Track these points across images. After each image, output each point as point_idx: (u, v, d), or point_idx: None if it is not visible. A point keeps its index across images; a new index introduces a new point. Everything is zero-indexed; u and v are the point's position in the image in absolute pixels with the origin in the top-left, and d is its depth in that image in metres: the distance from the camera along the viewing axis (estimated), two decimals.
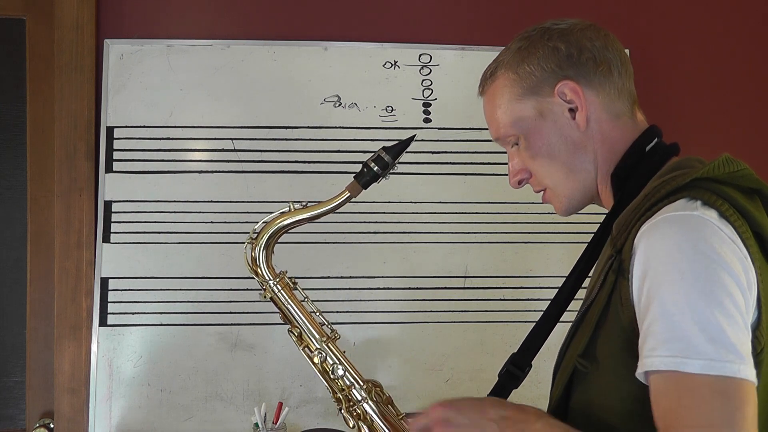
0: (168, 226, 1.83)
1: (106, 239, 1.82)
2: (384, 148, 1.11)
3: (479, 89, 1.13)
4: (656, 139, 1.04)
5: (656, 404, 0.85)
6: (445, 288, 1.89)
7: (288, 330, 1.12)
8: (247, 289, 1.83)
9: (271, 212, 1.17)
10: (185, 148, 1.85)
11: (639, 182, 1.00)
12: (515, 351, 1.10)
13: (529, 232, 1.90)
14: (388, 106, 1.91)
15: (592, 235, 1.08)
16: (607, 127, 1.04)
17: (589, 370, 0.94)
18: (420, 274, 1.88)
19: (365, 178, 1.11)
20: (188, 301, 1.82)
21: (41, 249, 1.86)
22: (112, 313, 1.81)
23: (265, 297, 1.13)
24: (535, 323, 1.10)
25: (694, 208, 0.87)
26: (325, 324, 1.13)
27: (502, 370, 1.10)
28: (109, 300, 1.81)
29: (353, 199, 1.15)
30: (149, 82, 1.86)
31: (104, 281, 1.81)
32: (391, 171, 1.12)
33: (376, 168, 1.11)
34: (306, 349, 1.11)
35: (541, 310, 1.21)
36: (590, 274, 1.08)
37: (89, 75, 1.84)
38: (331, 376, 1.10)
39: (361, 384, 1.09)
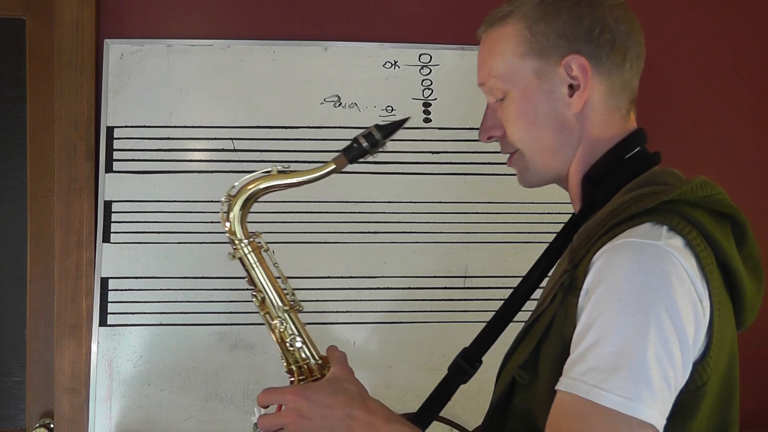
0: (168, 226, 1.83)
1: (106, 239, 1.82)
2: (376, 126, 1.05)
3: (482, 27, 1.05)
4: (638, 148, 1.00)
5: (553, 417, 0.85)
6: (445, 288, 1.89)
7: (252, 294, 1.09)
8: (247, 289, 1.82)
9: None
10: (185, 148, 1.86)
11: (609, 191, 0.96)
12: (467, 345, 1.10)
13: (529, 232, 1.90)
14: (388, 106, 1.91)
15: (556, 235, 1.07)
16: (599, 118, 0.98)
17: (527, 382, 0.93)
18: (420, 274, 1.88)
19: (353, 153, 1.05)
20: (188, 301, 1.82)
21: (41, 249, 1.86)
22: (112, 313, 1.81)
23: (234, 257, 1.09)
24: (489, 320, 1.10)
25: (657, 236, 0.84)
26: (290, 294, 1.10)
27: (452, 363, 1.10)
28: (109, 300, 1.81)
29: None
30: (149, 82, 1.86)
31: (104, 281, 1.81)
32: (380, 150, 1.06)
33: (365, 144, 1.04)
34: (267, 315, 1.08)
35: None
36: (542, 284, 1.06)
37: (89, 75, 1.84)
38: (289, 347, 1.07)
39: (317, 359, 1.07)
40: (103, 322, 1.80)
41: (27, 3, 1.88)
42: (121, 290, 1.81)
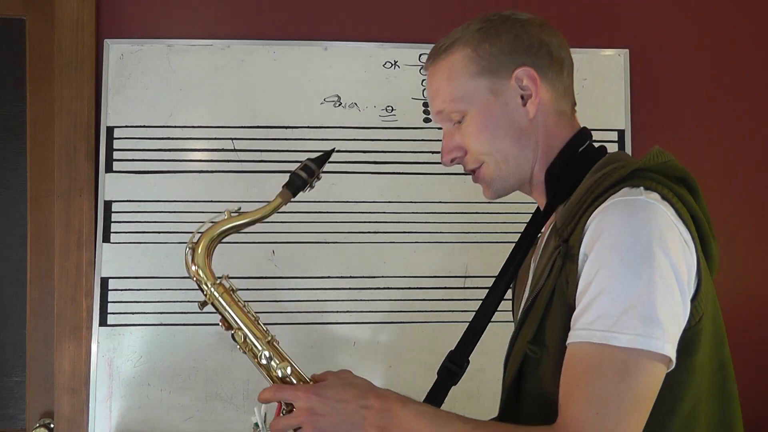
0: (168, 226, 1.83)
1: (106, 239, 1.82)
2: (309, 159, 1.16)
3: (427, 62, 1.13)
4: (587, 142, 1.09)
5: (566, 372, 0.90)
6: (445, 288, 1.89)
7: (231, 335, 1.13)
8: (247, 289, 1.82)
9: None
10: (185, 148, 1.86)
11: (571, 181, 1.04)
12: (452, 349, 1.14)
13: None
14: (388, 106, 1.91)
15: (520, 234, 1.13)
16: (551, 121, 1.08)
17: (539, 355, 0.97)
18: (420, 274, 1.88)
19: (295, 185, 1.14)
20: (188, 301, 1.82)
21: (41, 249, 1.86)
22: (112, 313, 1.81)
23: (207, 302, 1.14)
24: (469, 322, 1.14)
25: (638, 193, 0.92)
26: (264, 329, 1.12)
27: (441, 367, 1.13)
28: (109, 300, 1.81)
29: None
30: (149, 82, 1.86)
31: (104, 281, 1.81)
32: (316, 180, 1.16)
33: (304, 175, 1.14)
34: (250, 352, 1.11)
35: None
36: (531, 267, 1.13)
37: (89, 75, 1.84)
38: (279, 376, 1.09)
39: (309, 381, 1.09)
40: (103, 322, 1.80)
41: (27, 3, 1.88)
42: (121, 290, 1.81)
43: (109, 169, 1.83)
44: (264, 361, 1.10)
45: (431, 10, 1.96)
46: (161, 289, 1.82)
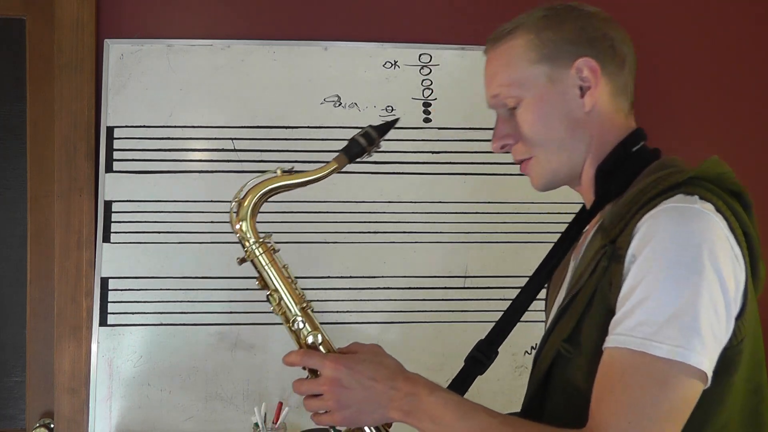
0: (168, 226, 1.83)
1: (106, 239, 1.82)
2: (371, 126, 1.11)
3: (487, 45, 1.10)
4: (642, 143, 1.06)
5: (601, 375, 0.88)
6: (445, 288, 1.89)
7: (267, 295, 1.10)
8: (247, 289, 1.83)
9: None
10: (185, 148, 1.86)
11: (622, 181, 1.02)
12: (482, 338, 1.13)
13: (529, 232, 1.89)
14: (388, 106, 1.91)
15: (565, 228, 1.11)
16: (607, 117, 1.05)
17: (573, 354, 0.96)
18: (420, 274, 1.88)
19: (353, 152, 1.10)
20: (188, 301, 1.82)
21: (41, 249, 1.86)
22: (112, 313, 1.81)
23: (245, 260, 1.11)
24: (503, 312, 1.12)
25: (693, 201, 0.90)
26: (300, 293, 1.10)
27: (468, 355, 1.12)
28: (109, 300, 1.81)
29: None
30: (149, 82, 1.86)
31: (104, 281, 1.81)
32: (376, 148, 1.12)
33: (363, 142, 1.09)
34: (283, 315, 1.09)
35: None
36: (571, 265, 1.10)
37: (89, 75, 1.84)
38: (309, 345, 1.07)
39: (337, 353, 1.07)
40: (103, 322, 1.80)
41: (27, 3, 1.88)
42: (121, 290, 1.81)
43: (109, 169, 1.83)
44: (296, 326, 1.07)
45: (431, 10, 1.96)
46: (161, 289, 1.82)
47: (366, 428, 1.05)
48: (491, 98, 1.10)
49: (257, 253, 1.10)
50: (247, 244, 1.10)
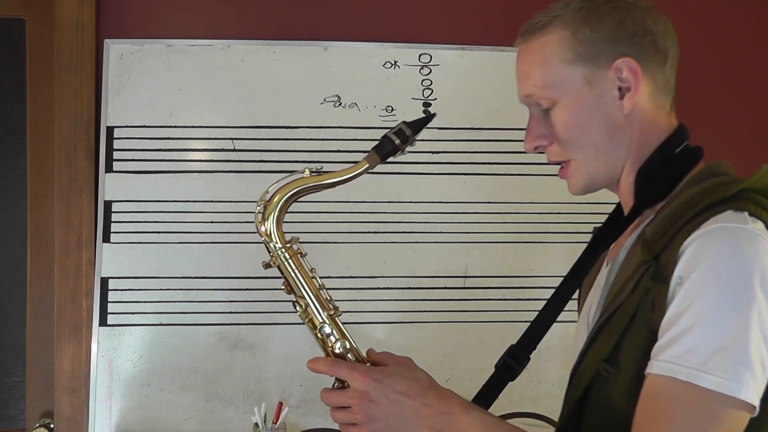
0: (168, 226, 1.83)
1: (106, 239, 1.82)
2: (404, 122, 1.06)
3: (520, 38, 1.03)
4: (685, 143, 1.01)
5: (645, 402, 0.85)
6: (445, 288, 1.89)
7: (293, 302, 1.05)
8: (247, 289, 1.83)
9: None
10: (185, 148, 1.85)
11: (663, 185, 0.98)
12: (514, 343, 1.09)
13: (529, 232, 1.89)
14: (388, 106, 1.91)
15: (597, 228, 1.07)
16: (647, 117, 1.00)
17: (612, 374, 0.92)
18: (420, 274, 1.88)
19: (385, 150, 1.05)
20: (188, 301, 1.82)
21: (41, 249, 1.86)
22: (112, 313, 1.81)
23: (272, 264, 1.06)
24: (535, 317, 1.09)
25: (744, 221, 0.86)
26: (327, 298, 1.06)
27: (499, 361, 1.09)
28: (109, 300, 1.81)
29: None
30: (149, 82, 1.86)
31: (104, 281, 1.81)
32: (409, 146, 1.06)
33: (397, 141, 1.05)
34: (310, 322, 1.05)
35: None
36: (606, 269, 1.05)
37: (89, 75, 1.84)
38: (336, 353, 1.03)
39: (366, 363, 1.03)
40: (103, 322, 1.80)
41: (27, 3, 1.88)
42: (121, 290, 1.81)
43: (109, 169, 1.83)
44: (323, 334, 1.04)
45: (431, 10, 1.96)
46: (161, 289, 1.82)
47: None
48: (524, 97, 1.04)
49: (283, 258, 1.05)
50: (272, 248, 1.06)
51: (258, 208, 1.06)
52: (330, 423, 1.82)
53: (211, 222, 1.84)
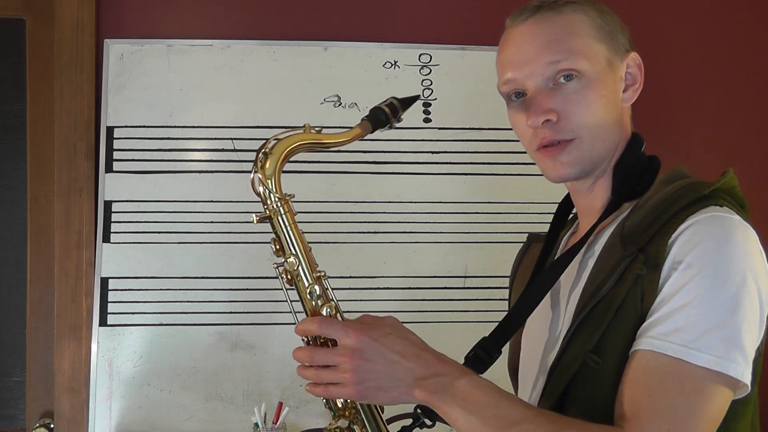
0: (168, 226, 1.83)
1: (106, 239, 1.82)
2: (394, 97, 1.08)
3: (545, 10, 1.00)
4: (643, 146, 1.05)
5: (634, 377, 0.86)
6: (445, 288, 1.89)
7: (275, 265, 1.03)
8: (247, 289, 1.83)
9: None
10: (185, 148, 1.86)
11: (645, 181, 1.00)
12: (486, 335, 1.07)
13: (529, 232, 1.89)
14: None
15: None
16: (627, 116, 1.04)
17: (601, 365, 0.92)
18: (420, 274, 1.88)
19: (376, 119, 1.07)
20: (188, 301, 1.82)
21: (41, 249, 1.86)
22: (112, 313, 1.81)
23: (266, 213, 1.04)
24: (509, 310, 1.08)
25: (730, 212, 0.90)
26: (315, 263, 1.04)
27: (470, 353, 1.07)
28: (109, 300, 1.81)
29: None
30: (149, 82, 1.86)
31: (104, 281, 1.81)
32: (396, 122, 1.08)
33: (387, 111, 1.06)
34: (300, 283, 1.02)
35: None
36: (579, 259, 1.04)
37: (89, 75, 1.84)
38: (323, 313, 1.01)
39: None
40: (103, 322, 1.80)
41: (27, 3, 1.88)
42: (121, 290, 1.81)
43: (109, 169, 1.83)
44: (311, 296, 1.01)
45: (431, 10, 1.96)
46: (161, 289, 1.82)
47: (358, 405, 0.99)
48: (548, 63, 0.97)
49: (282, 212, 1.03)
50: (269, 201, 1.03)
51: (259, 156, 1.04)
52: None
53: (211, 222, 1.84)
